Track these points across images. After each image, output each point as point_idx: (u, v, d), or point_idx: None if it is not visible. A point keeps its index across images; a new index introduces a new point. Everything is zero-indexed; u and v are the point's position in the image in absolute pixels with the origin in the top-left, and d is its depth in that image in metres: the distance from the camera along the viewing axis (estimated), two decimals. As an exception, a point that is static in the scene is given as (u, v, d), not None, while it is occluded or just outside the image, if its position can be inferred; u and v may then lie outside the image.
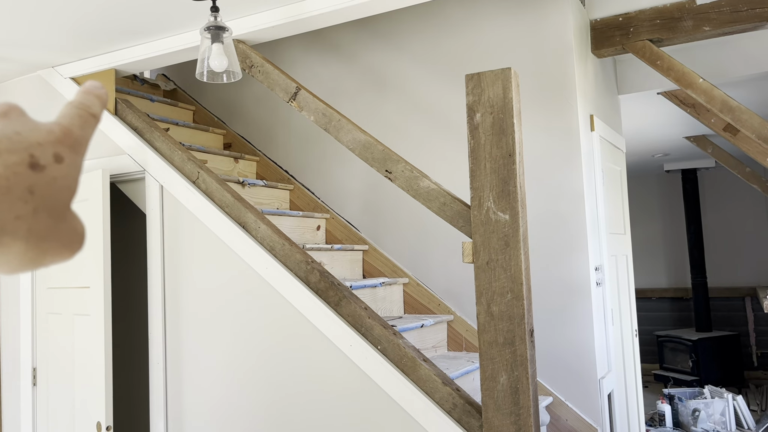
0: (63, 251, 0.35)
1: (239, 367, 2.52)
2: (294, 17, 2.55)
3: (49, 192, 0.34)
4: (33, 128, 0.35)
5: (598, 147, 3.15)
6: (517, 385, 1.86)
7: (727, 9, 2.95)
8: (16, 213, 0.32)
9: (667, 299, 7.98)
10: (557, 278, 2.93)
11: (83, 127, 0.37)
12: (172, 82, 4.21)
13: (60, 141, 0.35)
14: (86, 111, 0.38)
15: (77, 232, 0.36)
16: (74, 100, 0.39)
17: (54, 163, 0.34)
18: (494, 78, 1.95)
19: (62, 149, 0.35)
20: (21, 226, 0.32)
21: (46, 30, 2.68)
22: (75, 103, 0.38)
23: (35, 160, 0.34)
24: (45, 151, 0.34)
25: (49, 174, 0.34)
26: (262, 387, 2.46)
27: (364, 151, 2.27)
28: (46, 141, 0.35)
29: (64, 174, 0.35)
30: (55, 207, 0.34)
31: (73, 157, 0.36)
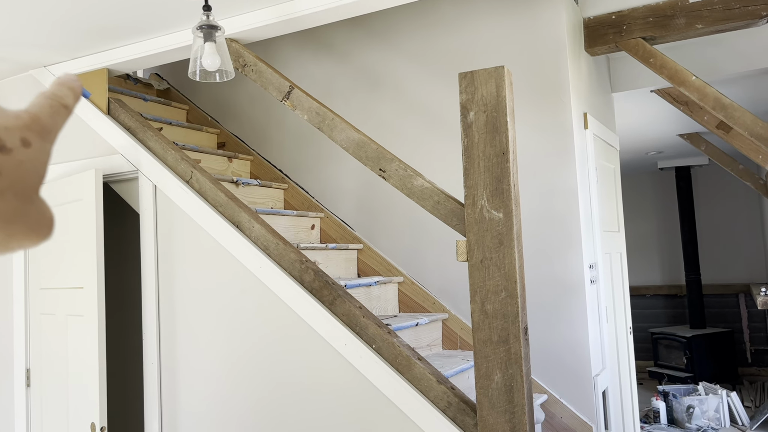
0: (30, 235, 0.35)
1: (234, 367, 2.52)
2: (287, 16, 2.54)
3: (16, 174, 0.34)
4: (0, 114, 0.35)
5: (591, 145, 3.16)
6: (512, 383, 1.87)
7: (720, 7, 2.96)
8: None
9: (662, 296, 8.01)
10: (551, 276, 2.93)
11: (53, 116, 0.38)
12: (166, 82, 4.19)
13: (28, 126, 0.36)
14: (58, 101, 0.39)
15: (46, 216, 0.36)
16: (47, 90, 0.39)
17: (21, 146, 0.35)
18: (487, 76, 1.95)
19: (30, 134, 0.35)
20: None
21: (37, 29, 2.67)
22: (47, 94, 0.39)
23: (2, 142, 0.34)
24: (12, 135, 0.34)
25: (16, 157, 0.34)
26: (257, 386, 2.46)
27: (357, 150, 2.27)
28: (13, 125, 0.35)
29: (31, 158, 0.35)
30: (22, 190, 0.34)
31: (41, 144, 0.36)
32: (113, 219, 3.96)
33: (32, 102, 0.38)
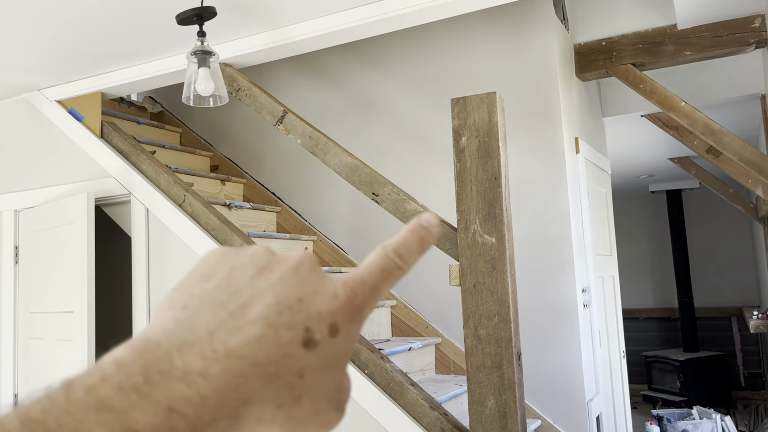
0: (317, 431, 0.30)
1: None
2: (281, 41, 2.57)
3: (317, 374, 0.29)
4: (317, 291, 0.30)
5: (583, 169, 3.18)
6: (505, 409, 1.85)
7: (708, 34, 3.01)
8: (279, 402, 0.27)
9: (655, 319, 8.00)
10: (544, 300, 2.93)
11: (377, 286, 0.31)
12: (159, 105, 4.20)
13: (342, 309, 0.30)
14: (395, 262, 0.32)
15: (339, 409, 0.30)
16: (391, 242, 0.32)
17: (328, 336, 0.29)
18: (479, 102, 1.97)
19: (341, 319, 0.30)
20: (279, 415, 0.28)
21: (32, 53, 2.68)
22: (388, 249, 0.32)
23: (310, 335, 0.28)
24: (322, 321, 0.29)
25: (321, 352, 0.29)
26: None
27: (351, 174, 2.27)
28: (327, 310, 0.29)
29: (335, 349, 0.29)
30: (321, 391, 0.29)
31: (349, 328, 0.30)
32: (104, 242, 3.94)
33: (366, 260, 0.32)
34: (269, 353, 0.27)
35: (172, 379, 0.26)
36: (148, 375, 0.26)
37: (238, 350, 0.27)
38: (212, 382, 0.26)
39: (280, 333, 0.28)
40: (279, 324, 0.28)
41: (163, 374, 0.26)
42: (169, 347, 0.27)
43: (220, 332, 0.27)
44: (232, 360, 0.27)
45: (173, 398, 0.25)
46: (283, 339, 0.28)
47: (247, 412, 0.27)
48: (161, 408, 0.25)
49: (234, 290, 0.29)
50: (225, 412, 0.26)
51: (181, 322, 0.28)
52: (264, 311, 0.28)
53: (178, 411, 0.25)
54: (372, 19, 2.40)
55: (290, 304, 0.29)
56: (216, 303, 0.29)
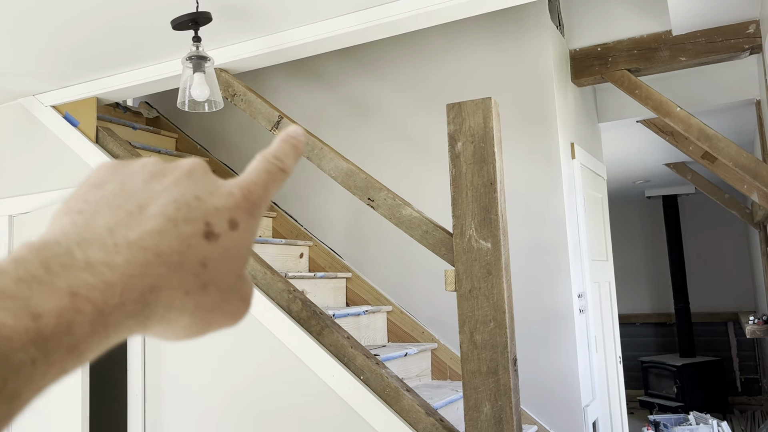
0: (227, 320, 0.32)
1: (219, 399, 2.48)
2: (276, 47, 2.57)
3: (220, 264, 0.30)
4: (213, 191, 0.32)
5: (579, 174, 3.18)
6: (501, 415, 1.85)
7: (703, 40, 3.02)
8: (186, 288, 0.29)
9: (651, 325, 8.01)
10: (540, 306, 2.93)
11: (267, 186, 0.34)
12: (155, 110, 4.20)
13: (238, 205, 0.32)
14: (276, 165, 0.35)
15: (245, 299, 0.32)
16: (268, 150, 0.35)
17: (228, 230, 0.31)
18: (475, 107, 1.97)
19: (239, 213, 0.32)
20: (188, 302, 0.29)
21: (26, 58, 2.67)
22: (267, 155, 0.35)
23: (210, 228, 0.30)
24: (221, 216, 0.31)
25: (223, 243, 0.31)
26: (243, 417, 2.41)
27: (346, 179, 2.27)
28: (224, 205, 0.31)
29: (236, 241, 0.31)
30: (225, 279, 0.31)
31: (248, 222, 0.32)
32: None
33: (250, 165, 0.35)
34: (172, 244, 0.29)
35: (74, 270, 0.26)
36: (49, 267, 0.26)
37: (140, 242, 0.28)
38: (117, 270, 0.27)
39: (181, 226, 0.30)
40: (179, 218, 0.30)
41: (65, 266, 0.26)
42: (69, 244, 0.27)
43: (120, 228, 0.29)
44: (135, 251, 0.28)
45: (77, 285, 0.26)
46: (184, 232, 0.29)
47: (155, 298, 0.28)
48: (65, 293, 0.26)
49: (129, 194, 0.30)
50: (132, 296, 0.27)
51: (79, 224, 0.29)
52: (162, 208, 0.30)
53: (83, 296, 0.26)
54: (367, 24, 2.40)
55: (188, 202, 0.30)
56: (112, 205, 0.30)
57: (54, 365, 0.25)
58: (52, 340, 0.25)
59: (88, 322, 0.26)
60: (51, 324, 0.25)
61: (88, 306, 0.26)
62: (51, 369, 0.25)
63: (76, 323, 0.26)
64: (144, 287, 0.28)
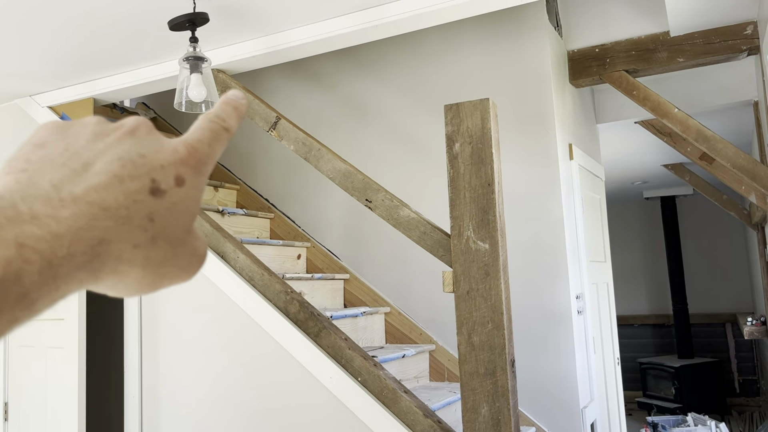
0: (181, 274, 0.33)
1: (217, 401, 2.47)
2: (274, 47, 2.56)
3: (168, 218, 0.31)
4: (158, 149, 0.32)
5: (577, 175, 3.18)
6: (499, 417, 1.84)
7: (700, 41, 3.02)
8: (135, 242, 0.30)
9: (649, 326, 8.00)
10: (538, 307, 2.92)
11: (212, 143, 0.34)
12: (152, 111, 4.19)
13: (183, 161, 0.33)
14: (219, 124, 0.35)
15: (196, 254, 0.33)
16: (210, 111, 0.36)
17: (175, 186, 0.32)
18: (473, 108, 1.96)
19: (185, 170, 0.33)
20: (138, 255, 0.30)
21: (23, 59, 2.67)
22: (210, 115, 0.36)
23: (156, 184, 0.31)
24: (167, 173, 0.32)
25: (169, 199, 0.31)
26: (240, 418, 2.41)
27: (344, 180, 2.26)
28: (169, 162, 0.32)
29: (183, 197, 0.32)
30: (174, 233, 0.32)
31: (194, 179, 0.33)
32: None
33: (194, 125, 0.35)
34: (118, 199, 0.29)
35: (19, 222, 0.27)
36: None
37: (86, 197, 0.29)
38: (63, 223, 0.28)
39: (126, 183, 0.30)
40: (124, 175, 0.30)
41: (10, 219, 0.27)
42: (13, 199, 0.28)
43: (65, 184, 0.29)
44: (81, 205, 0.28)
45: (23, 237, 0.26)
46: (129, 188, 0.30)
47: (104, 250, 0.29)
48: (11, 244, 0.26)
49: (73, 152, 0.31)
50: (81, 248, 0.28)
51: (23, 181, 0.29)
52: (107, 166, 0.30)
53: (30, 247, 0.26)
54: (365, 25, 2.40)
55: (132, 159, 0.31)
56: (56, 163, 0.30)
57: (3, 314, 0.26)
58: (1, 289, 0.25)
59: (36, 272, 0.26)
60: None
61: (35, 256, 0.26)
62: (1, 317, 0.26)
63: (24, 272, 0.26)
64: (92, 239, 0.28)
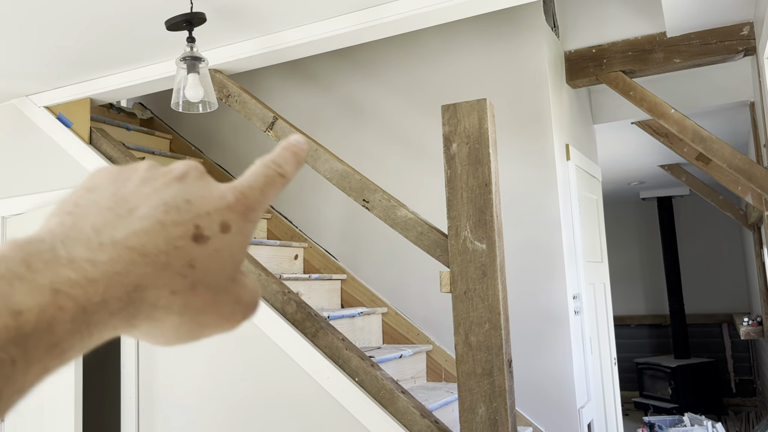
0: (222, 323, 0.31)
1: (214, 401, 2.46)
2: (271, 48, 2.56)
3: (210, 265, 0.30)
4: (205, 195, 0.31)
5: (574, 176, 3.18)
6: (496, 417, 1.84)
7: (697, 42, 3.03)
8: (172, 288, 0.29)
9: (646, 326, 8.02)
10: (535, 307, 2.93)
11: (264, 190, 0.33)
12: (149, 111, 4.18)
13: (231, 208, 0.32)
14: (275, 170, 0.34)
15: (241, 302, 0.32)
16: (268, 155, 0.35)
17: (219, 233, 0.31)
18: (470, 109, 1.96)
19: (231, 217, 0.31)
20: (176, 301, 0.29)
21: (20, 59, 2.66)
22: (266, 160, 0.34)
23: (200, 231, 0.30)
24: (212, 220, 0.31)
25: (213, 246, 0.30)
26: (237, 419, 2.40)
27: (341, 181, 2.26)
28: (215, 209, 0.31)
29: (228, 244, 0.31)
30: (216, 281, 0.30)
31: (241, 225, 0.32)
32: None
33: (248, 170, 0.34)
34: (158, 245, 0.29)
35: (57, 266, 0.26)
36: (31, 264, 0.26)
37: (126, 241, 0.28)
38: (100, 267, 0.27)
39: (169, 229, 0.29)
40: (167, 221, 0.30)
41: (47, 263, 0.26)
42: (53, 242, 0.27)
43: (107, 229, 0.29)
44: (120, 249, 0.28)
45: (59, 282, 0.26)
46: (171, 233, 0.29)
47: (140, 297, 0.28)
48: (46, 290, 0.25)
49: (120, 197, 0.31)
50: (116, 294, 0.27)
51: (67, 224, 0.29)
52: (151, 211, 0.30)
53: (65, 293, 0.26)
54: (362, 25, 2.40)
55: (177, 205, 0.30)
56: (102, 207, 0.30)
57: (34, 364, 0.25)
58: (33, 338, 0.25)
59: (69, 320, 0.26)
60: (31, 321, 0.25)
61: (70, 303, 0.26)
62: (32, 368, 0.25)
63: (57, 321, 0.25)
64: (128, 285, 0.28)
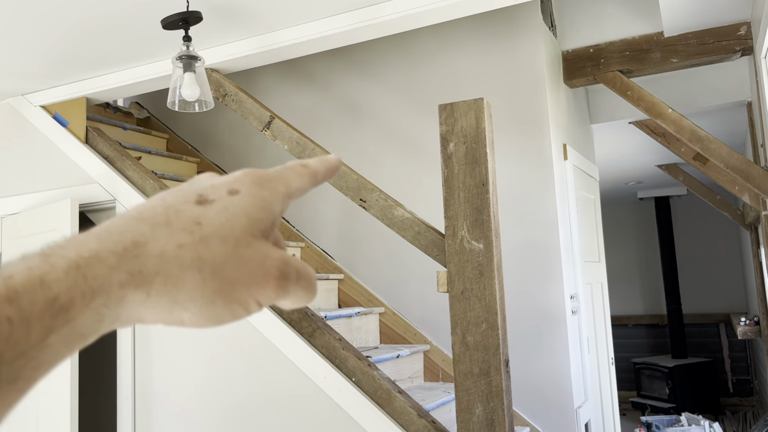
0: (258, 281, 0.30)
1: (210, 401, 2.46)
2: (268, 47, 2.55)
3: (219, 219, 0.30)
4: (213, 182, 0.33)
5: (571, 175, 3.18)
6: (493, 417, 1.84)
7: (694, 42, 3.03)
8: (178, 242, 0.29)
9: (643, 326, 8.02)
10: (532, 307, 2.92)
11: (280, 172, 0.34)
12: (146, 110, 4.17)
13: (238, 179, 0.32)
14: (300, 164, 0.35)
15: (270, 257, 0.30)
16: (311, 161, 0.36)
17: (227, 195, 0.31)
18: (467, 108, 1.96)
19: (239, 185, 0.32)
20: (185, 254, 0.29)
21: (16, 57, 2.65)
22: (300, 161, 0.36)
23: (203, 198, 0.31)
24: (217, 189, 0.32)
25: (220, 204, 0.31)
26: (234, 420, 2.40)
27: (338, 180, 2.26)
28: (221, 182, 0.32)
29: (237, 202, 0.31)
30: (230, 233, 0.30)
31: (252, 188, 0.32)
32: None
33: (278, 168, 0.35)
34: (156, 209, 0.30)
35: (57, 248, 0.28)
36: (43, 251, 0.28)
37: (124, 214, 0.30)
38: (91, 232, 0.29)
39: (168, 199, 0.31)
40: (167, 195, 0.32)
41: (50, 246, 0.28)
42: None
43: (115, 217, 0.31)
44: (115, 219, 0.30)
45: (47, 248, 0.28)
46: (171, 202, 0.31)
47: (142, 251, 0.28)
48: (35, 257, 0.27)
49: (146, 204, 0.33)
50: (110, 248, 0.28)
51: None
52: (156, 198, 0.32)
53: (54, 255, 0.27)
54: (359, 24, 2.39)
55: (181, 187, 0.33)
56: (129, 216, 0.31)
57: (34, 323, 0.25)
58: (26, 295, 0.25)
59: (63, 273, 0.26)
60: (21, 280, 0.25)
61: (60, 261, 0.26)
62: (33, 328, 0.25)
63: (49, 276, 0.26)
64: (125, 241, 0.28)
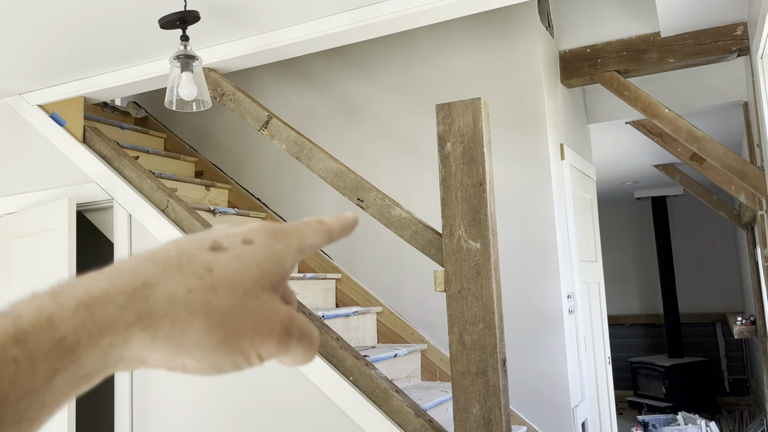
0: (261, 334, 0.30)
1: (208, 401, 2.46)
2: (266, 46, 2.55)
3: (231, 267, 0.30)
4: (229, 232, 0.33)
5: (568, 175, 3.19)
6: (490, 416, 1.84)
7: (691, 42, 3.04)
8: (188, 287, 0.29)
9: (640, 325, 8.04)
10: (529, 306, 2.93)
11: (296, 227, 0.34)
12: (144, 110, 4.17)
13: (253, 230, 0.33)
14: (316, 220, 0.36)
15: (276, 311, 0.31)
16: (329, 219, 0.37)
17: (241, 244, 0.32)
18: (464, 108, 1.96)
19: (253, 235, 0.32)
20: (194, 299, 0.29)
21: (12, 56, 2.65)
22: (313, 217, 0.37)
23: (218, 245, 0.31)
24: (232, 239, 0.32)
25: (233, 252, 0.31)
26: (231, 419, 2.40)
27: (335, 180, 2.26)
28: (237, 232, 0.33)
29: (250, 252, 0.31)
30: (239, 282, 0.30)
31: (266, 241, 0.32)
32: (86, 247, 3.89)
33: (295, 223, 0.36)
34: (169, 252, 0.31)
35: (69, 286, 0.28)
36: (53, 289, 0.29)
37: (137, 256, 0.31)
38: (103, 272, 0.30)
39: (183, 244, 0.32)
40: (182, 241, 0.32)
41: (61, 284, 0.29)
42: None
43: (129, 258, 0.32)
44: (127, 260, 0.31)
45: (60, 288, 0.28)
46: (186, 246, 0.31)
47: (152, 293, 0.29)
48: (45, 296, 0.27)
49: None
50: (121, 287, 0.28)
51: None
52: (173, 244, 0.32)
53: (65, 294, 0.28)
54: (357, 24, 2.40)
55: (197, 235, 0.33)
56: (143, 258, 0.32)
57: (39, 364, 0.25)
58: (33, 336, 0.25)
59: (71, 313, 0.26)
60: (29, 320, 0.25)
61: (70, 300, 0.27)
62: (38, 369, 0.25)
63: (57, 316, 0.26)
64: (136, 281, 0.29)
